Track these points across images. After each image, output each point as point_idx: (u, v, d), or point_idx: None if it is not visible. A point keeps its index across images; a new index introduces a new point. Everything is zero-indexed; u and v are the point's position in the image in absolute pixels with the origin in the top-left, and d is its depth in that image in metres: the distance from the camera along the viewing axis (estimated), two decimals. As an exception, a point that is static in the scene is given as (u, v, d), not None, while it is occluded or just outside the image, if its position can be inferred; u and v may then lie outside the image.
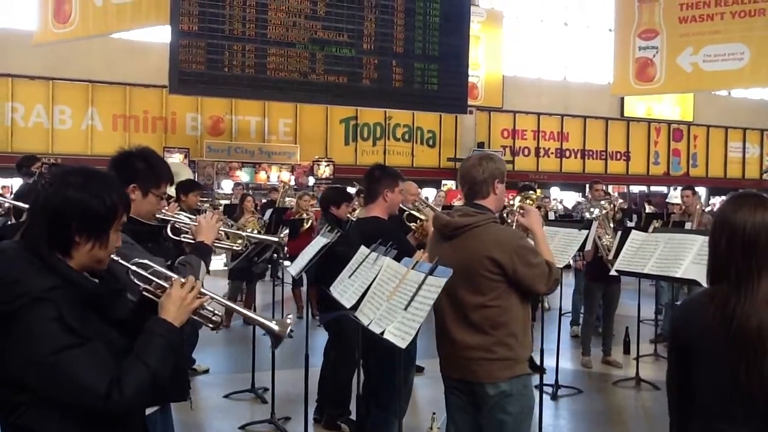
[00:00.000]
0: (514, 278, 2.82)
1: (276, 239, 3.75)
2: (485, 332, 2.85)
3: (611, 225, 6.50)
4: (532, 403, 2.98)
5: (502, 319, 2.85)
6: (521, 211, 3.18)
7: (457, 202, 11.34)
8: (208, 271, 2.75)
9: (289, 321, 2.03)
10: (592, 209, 6.58)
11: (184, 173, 8.48)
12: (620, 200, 9.73)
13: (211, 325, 2.05)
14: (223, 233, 3.14)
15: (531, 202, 3.53)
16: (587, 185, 9.34)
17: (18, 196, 5.66)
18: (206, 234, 2.81)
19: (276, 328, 2.01)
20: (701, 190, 22.52)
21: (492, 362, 2.85)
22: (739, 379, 1.91)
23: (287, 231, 3.89)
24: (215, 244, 2.92)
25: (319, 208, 7.98)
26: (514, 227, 3.23)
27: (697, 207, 8.06)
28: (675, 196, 10.50)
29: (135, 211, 2.50)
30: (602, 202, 6.83)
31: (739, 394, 1.92)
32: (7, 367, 1.68)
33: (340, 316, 3.90)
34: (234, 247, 3.39)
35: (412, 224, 4.19)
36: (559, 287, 3.11)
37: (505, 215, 3.33)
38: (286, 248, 7.09)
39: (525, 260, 2.81)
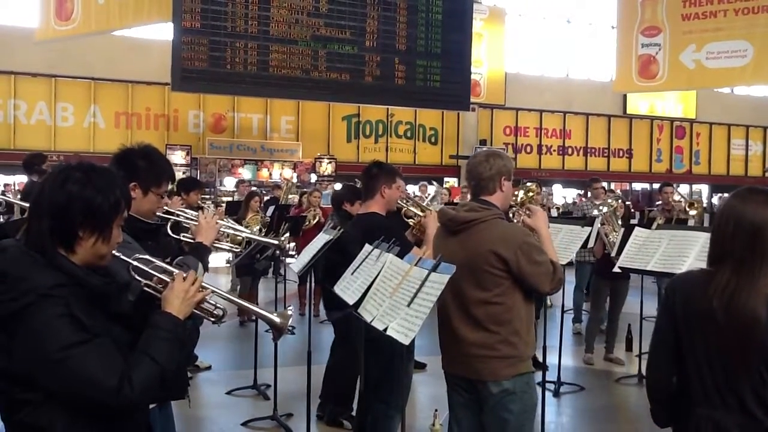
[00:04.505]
0: (518, 275, 2.81)
1: (276, 242, 3.71)
2: (488, 329, 2.84)
3: (619, 222, 6.48)
4: (535, 401, 2.99)
5: (506, 317, 2.84)
6: (527, 211, 3.16)
7: (458, 199, 11.32)
8: (206, 271, 2.74)
9: (289, 313, 2.03)
10: (601, 206, 6.56)
11: None
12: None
13: (212, 319, 2.05)
14: (223, 233, 3.11)
15: (532, 194, 3.50)
16: (590, 182, 9.34)
17: (26, 194, 5.66)
18: (206, 235, 2.78)
19: (277, 320, 2.01)
20: (704, 188, 22.52)
21: (495, 360, 2.84)
22: (723, 364, 1.96)
23: (288, 234, 3.89)
24: (215, 245, 2.90)
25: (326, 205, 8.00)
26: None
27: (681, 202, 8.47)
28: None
29: (135, 210, 2.48)
30: (609, 200, 6.82)
31: (725, 379, 1.97)
32: (14, 365, 1.66)
33: (348, 315, 3.90)
34: (234, 248, 3.37)
35: (410, 220, 4.21)
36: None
37: (511, 215, 3.32)
38: (287, 247, 7.12)
39: (530, 257, 2.80)
